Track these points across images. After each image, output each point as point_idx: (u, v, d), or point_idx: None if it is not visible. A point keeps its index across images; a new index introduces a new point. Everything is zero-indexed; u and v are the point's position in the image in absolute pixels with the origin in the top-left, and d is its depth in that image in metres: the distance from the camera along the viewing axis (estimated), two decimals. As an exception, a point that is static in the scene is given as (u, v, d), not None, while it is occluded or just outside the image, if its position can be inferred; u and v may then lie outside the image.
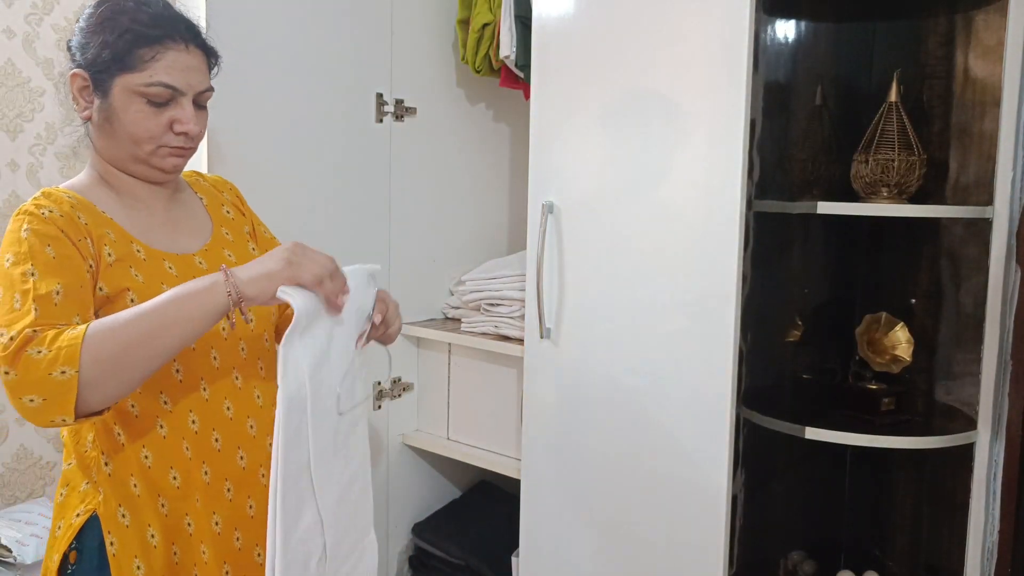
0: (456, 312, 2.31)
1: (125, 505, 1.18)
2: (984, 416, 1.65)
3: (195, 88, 1.18)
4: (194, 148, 1.23)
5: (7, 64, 2.04)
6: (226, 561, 1.24)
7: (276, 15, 1.93)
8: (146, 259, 1.19)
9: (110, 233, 1.17)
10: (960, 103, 1.77)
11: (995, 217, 1.62)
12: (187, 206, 1.32)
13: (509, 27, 2.08)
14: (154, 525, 1.19)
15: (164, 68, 1.15)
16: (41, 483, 2.18)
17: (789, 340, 1.96)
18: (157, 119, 1.17)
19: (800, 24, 1.91)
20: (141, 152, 1.19)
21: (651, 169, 1.65)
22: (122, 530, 1.17)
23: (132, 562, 1.17)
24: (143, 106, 1.16)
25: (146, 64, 1.15)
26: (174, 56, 1.16)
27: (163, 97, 1.16)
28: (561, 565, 1.85)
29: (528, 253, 1.84)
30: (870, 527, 1.98)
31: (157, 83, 1.15)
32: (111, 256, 1.15)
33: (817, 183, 1.86)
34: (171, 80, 1.16)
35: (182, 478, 1.20)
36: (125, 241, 1.18)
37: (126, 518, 1.18)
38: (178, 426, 1.20)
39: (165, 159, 1.20)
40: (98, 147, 1.23)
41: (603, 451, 1.75)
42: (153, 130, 1.17)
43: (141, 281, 1.16)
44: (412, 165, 2.28)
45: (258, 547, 1.27)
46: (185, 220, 1.29)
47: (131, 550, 1.17)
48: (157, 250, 1.21)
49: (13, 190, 2.07)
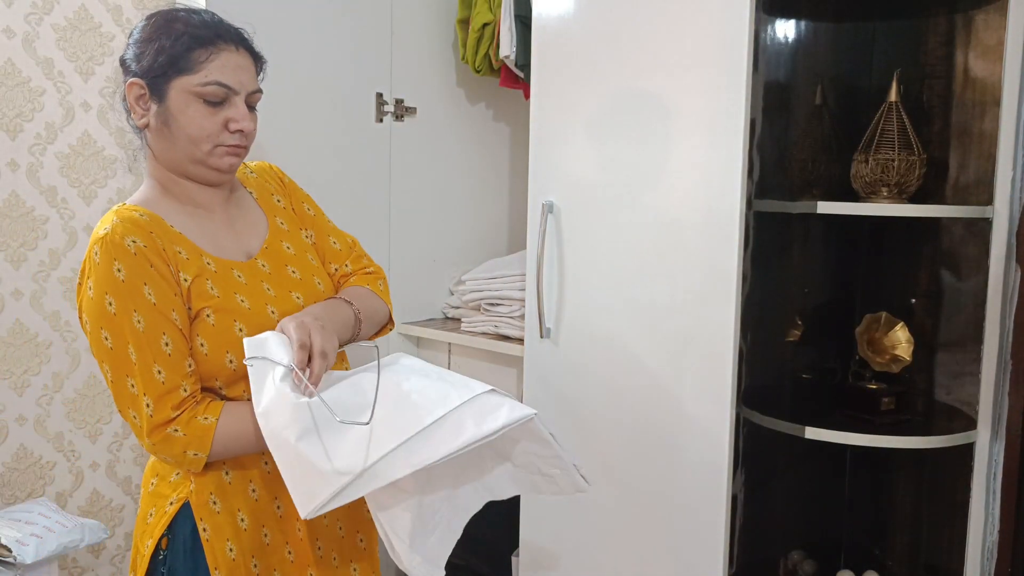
0: (456, 312, 2.31)
1: (216, 493, 1.24)
2: (984, 416, 1.65)
3: (247, 88, 1.23)
4: (247, 147, 1.27)
5: (7, 64, 2.04)
6: (318, 538, 1.30)
7: (276, 15, 1.93)
8: (217, 271, 1.24)
9: (181, 252, 1.21)
10: (960, 103, 1.77)
11: (995, 217, 1.62)
12: (242, 205, 1.36)
13: (509, 27, 2.08)
14: (244, 510, 1.25)
15: (218, 68, 1.20)
16: (41, 483, 2.18)
17: (789, 340, 1.96)
18: (213, 119, 1.21)
19: (800, 24, 1.91)
20: (199, 152, 1.23)
21: (651, 169, 1.65)
22: (213, 516, 1.23)
23: (225, 545, 1.23)
24: (200, 106, 1.20)
25: (201, 65, 1.19)
26: (227, 56, 1.21)
27: (218, 96, 1.20)
28: (561, 565, 1.85)
29: (528, 253, 1.84)
30: (870, 527, 1.98)
31: (213, 82, 1.20)
32: (187, 280, 1.21)
33: (817, 183, 1.86)
34: (225, 79, 1.20)
35: (272, 464, 1.23)
36: (196, 256, 1.23)
37: (217, 504, 1.24)
38: None
39: (222, 158, 1.24)
40: (157, 153, 1.26)
41: (603, 450, 1.75)
42: (209, 129, 1.21)
43: (217, 296, 1.22)
44: (412, 165, 2.28)
45: (340, 522, 1.34)
46: (242, 219, 1.33)
47: (223, 534, 1.23)
48: (225, 260, 1.26)
49: (13, 190, 2.07)
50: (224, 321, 1.20)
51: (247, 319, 1.22)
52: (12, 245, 2.09)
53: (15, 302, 2.10)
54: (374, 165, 2.19)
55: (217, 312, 1.20)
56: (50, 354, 2.16)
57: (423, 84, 2.29)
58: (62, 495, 2.21)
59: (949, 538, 1.78)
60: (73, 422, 2.21)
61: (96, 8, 2.16)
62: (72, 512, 2.20)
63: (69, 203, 2.16)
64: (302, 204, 1.45)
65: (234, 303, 1.22)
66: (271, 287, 1.28)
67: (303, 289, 1.31)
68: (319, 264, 1.38)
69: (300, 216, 1.44)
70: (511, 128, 2.52)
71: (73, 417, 2.21)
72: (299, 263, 1.34)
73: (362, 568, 1.39)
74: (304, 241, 1.39)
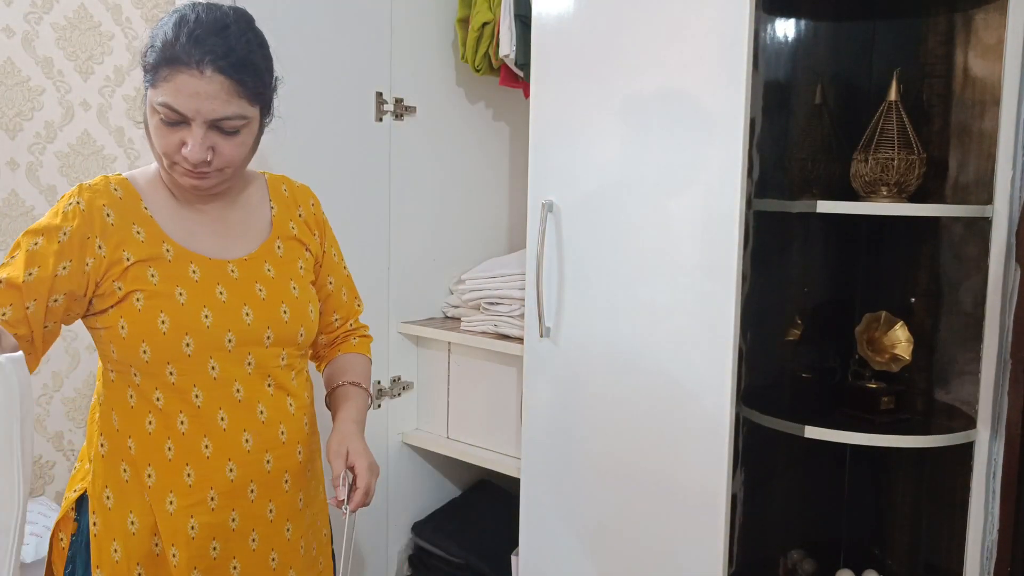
0: (456, 311, 2.31)
1: (112, 487, 1.21)
2: (983, 415, 1.66)
3: (204, 115, 1.13)
4: (211, 173, 1.19)
5: (6, 63, 2.04)
6: (235, 556, 1.26)
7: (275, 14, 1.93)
8: (172, 260, 1.20)
9: (140, 233, 1.19)
10: (960, 102, 1.77)
11: (995, 216, 1.62)
12: (248, 209, 1.31)
13: (509, 26, 2.08)
14: (136, 512, 1.21)
15: (172, 91, 1.13)
16: (41, 482, 2.18)
17: (789, 339, 1.96)
18: (170, 138, 1.16)
19: (800, 23, 1.91)
20: (164, 164, 1.20)
21: (650, 168, 1.65)
22: (105, 511, 1.21)
23: (110, 544, 1.20)
24: (158, 122, 1.16)
25: (160, 83, 1.14)
26: (184, 80, 1.12)
27: (170, 118, 1.14)
28: (561, 564, 1.86)
29: (528, 252, 1.84)
30: (870, 526, 1.98)
31: (162, 104, 1.14)
32: (129, 259, 1.18)
33: (817, 182, 1.86)
34: (175, 103, 1.13)
35: (157, 475, 1.22)
36: (156, 241, 1.20)
37: (110, 500, 1.21)
38: (168, 424, 1.22)
39: (182, 177, 1.19)
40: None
41: (603, 450, 1.75)
42: (166, 147, 1.17)
43: (155, 283, 1.18)
44: (412, 164, 2.28)
45: (274, 551, 1.30)
46: (238, 224, 1.29)
47: (111, 532, 1.21)
48: (188, 251, 1.22)
49: (13, 189, 2.07)
50: (150, 310, 1.17)
51: (174, 314, 1.18)
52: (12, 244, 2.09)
53: (15, 301, 2.10)
54: (374, 164, 2.18)
55: (148, 299, 1.17)
56: (50, 353, 2.16)
57: (423, 83, 2.29)
58: (62, 494, 2.21)
59: (948, 537, 1.78)
60: (73, 421, 2.21)
61: (96, 7, 2.16)
62: (72, 511, 2.20)
63: (69, 202, 2.16)
64: (331, 248, 1.43)
65: (170, 294, 1.18)
66: (226, 292, 1.23)
67: (262, 310, 1.25)
68: (301, 296, 1.31)
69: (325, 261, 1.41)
70: (511, 127, 2.52)
71: (73, 416, 2.21)
72: (272, 287, 1.27)
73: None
74: (297, 272, 1.33)
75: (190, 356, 1.20)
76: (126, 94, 2.21)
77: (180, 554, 1.21)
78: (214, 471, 1.23)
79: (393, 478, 2.31)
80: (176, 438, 1.21)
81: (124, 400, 1.21)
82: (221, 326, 1.21)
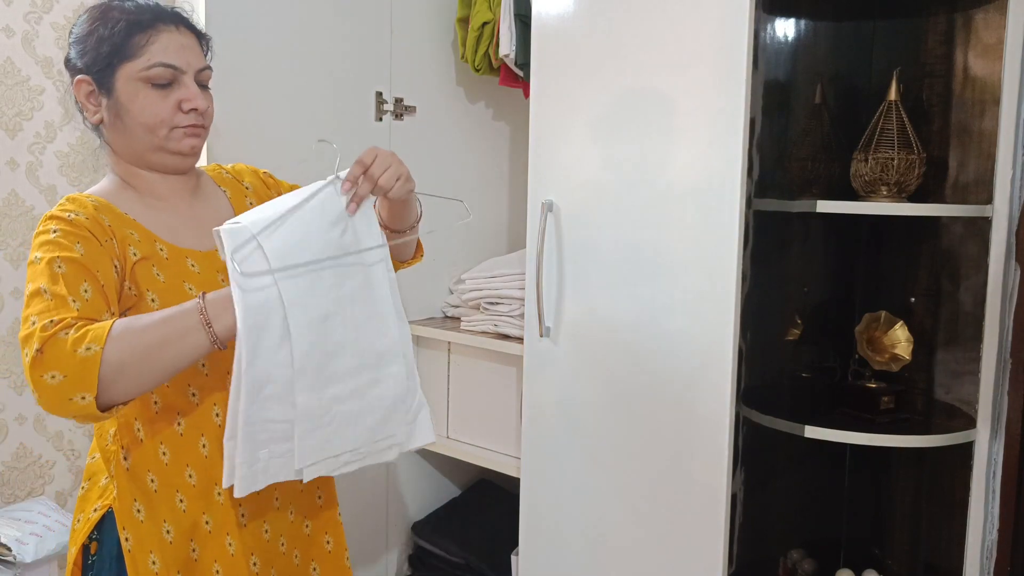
0: (456, 311, 2.31)
1: (141, 500, 1.19)
2: (983, 414, 1.66)
3: (193, 66, 1.21)
4: (206, 127, 1.24)
5: (6, 62, 2.04)
6: (254, 552, 1.26)
7: (275, 14, 1.93)
8: (169, 258, 1.21)
9: (134, 233, 1.19)
10: (960, 101, 1.77)
11: (994, 215, 1.62)
12: (210, 201, 1.33)
13: (509, 25, 2.08)
14: (170, 521, 1.20)
15: (161, 49, 1.18)
16: (41, 482, 2.18)
17: (789, 339, 1.96)
18: (164, 102, 1.19)
19: (800, 22, 1.91)
20: (157, 139, 1.20)
21: (650, 167, 1.64)
22: (137, 526, 1.19)
23: (148, 557, 1.19)
24: (149, 91, 1.18)
25: (143, 49, 1.17)
26: (168, 37, 1.18)
27: (165, 78, 1.18)
28: (560, 563, 1.85)
29: (528, 251, 1.84)
30: (869, 525, 1.98)
31: (157, 63, 1.17)
32: (136, 255, 1.17)
33: (816, 182, 1.86)
34: (169, 59, 1.18)
35: (198, 476, 1.22)
36: (149, 241, 1.20)
37: (141, 513, 1.19)
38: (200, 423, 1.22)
39: (181, 141, 1.21)
40: (115, 147, 1.24)
41: (603, 449, 1.75)
42: (162, 113, 1.19)
43: (163, 281, 1.18)
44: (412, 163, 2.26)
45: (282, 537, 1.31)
46: (208, 215, 1.30)
47: (146, 545, 1.19)
48: (181, 248, 1.23)
49: (13, 188, 2.07)
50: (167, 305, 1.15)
51: None
52: (11, 244, 2.09)
53: (14, 301, 2.10)
54: (374, 164, 2.18)
55: (162, 296, 1.17)
56: (50, 353, 2.16)
57: (423, 83, 2.29)
58: (62, 494, 2.21)
59: (948, 537, 1.78)
60: (72, 420, 2.21)
61: (95, 7, 2.16)
62: (72, 511, 2.20)
63: (68, 202, 2.15)
64: (290, 190, 1.42)
65: (180, 290, 1.19)
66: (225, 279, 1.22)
67: None
68: None
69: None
70: (511, 127, 2.52)
71: (73, 416, 2.21)
72: None
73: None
74: None
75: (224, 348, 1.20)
76: (126, 94, 2.20)
77: (236, 543, 1.23)
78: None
79: (393, 478, 2.31)
80: (211, 432, 1.22)
81: (148, 408, 1.20)
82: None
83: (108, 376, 1.01)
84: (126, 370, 1.02)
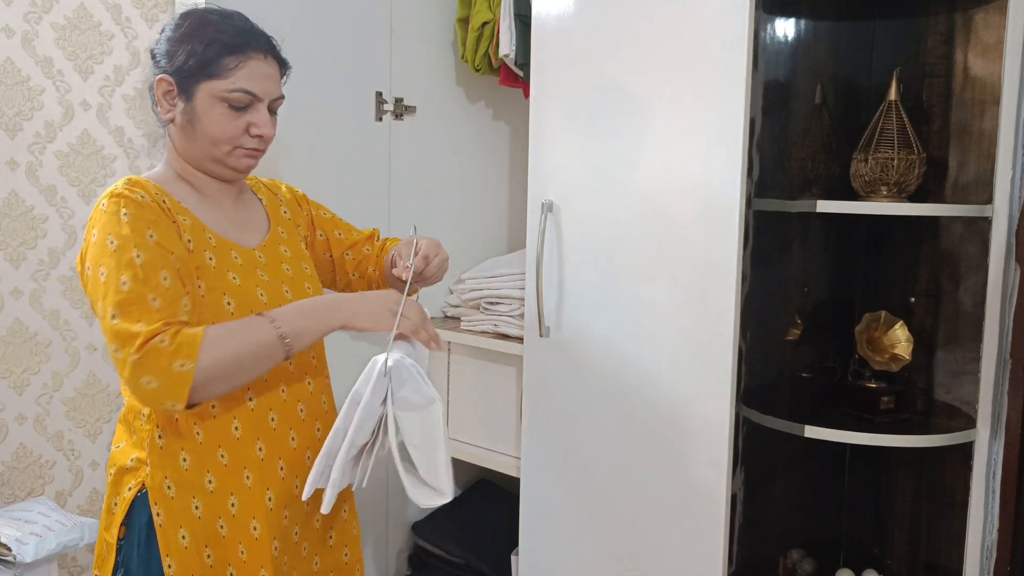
0: (455, 310, 2.31)
1: (172, 477, 1.24)
2: (983, 414, 1.66)
3: (271, 95, 1.30)
4: (264, 150, 1.33)
5: (6, 62, 2.04)
6: (276, 537, 1.30)
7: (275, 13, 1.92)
8: (216, 246, 1.27)
9: (186, 220, 1.26)
10: (959, 101, 1.77)
11: (994, 216, 1.62)
12: (249, 206, 1.41)
13: (509, 25, 2.08)
14: (199, 498, 1.25)
15: (246, 76, 1.26)
16: (41, 482, 2.18)
17: (788, 339, 1.96)
18: (235, 122, 1.27)
19: (800, 22, 1.91)
20: (219, 152, 1.28)
21: (650, 167, 1.65)
22: (168, 501, 1.24)
23: (178, 532, 1.24)
24: (224, 110, 1.26)
25: (230, 72, 1.25)
26: (255, 65, 1.27)
27: (243, 102, 1.26)
28: (561, 563, 1.86)
29: (528, 251, 1.84)
30: (869, 525, 1.98)
31: (239, 89, 1.25)
32: (190, 242, 1.24)
33: (816, 182, 1.86)
34: (251, 87, 1.26)
35: (229, 457, 1.26)
36: (199, 228, 1.27)
37: (171, 489, 1.24)
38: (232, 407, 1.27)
39: (240, 159, 1.30)
40: (178, 147, 1.31)
41: (602, 449, 1.76)
42: (231, 132, 1.27)
43: (214, 266, 1.25)
44: (412, 163, 2.28)
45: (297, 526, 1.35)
46: (247, 218, 1.39)
47: (176, 520, 1.24)
48: (226, 240, 1.30)
49: (13, 188, 2.07)
50: (214, 291, 1.24)
51: (237, 295, 1.25)
52: (11, 244, 2.09)
53: (14, 301, 2.10)
54: (373, 164, 2.18)
55: (209, 283, 1.24)
56: (49, 353, 2.16)
57: (422, 83, 2.29)
58: (62, 494, 2.21)
59: (948, 537, 1.78)
60: (72, 421, 2.21)
61: (95, 7, 2.16)
62: (72, 511, 2.20)
63: (68, 202, 2.15)
64: (319, 210, 1.55)
65: (226, 279, 1.26)
66: (265, 274, 1.32)
67: (293, 287, 1.36)
68: (312, 273, 1.44)
69: (318, 221, 1.53)
70: (511, 127, 2.52)
71: (73, 416, 2.21)
72: (293, 264, 1.39)
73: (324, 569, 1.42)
74: (302, 251, 1.45)
75: None
76: (126, 94, 2.20)
77: (261, 526, 1.27)
78: (279, 442, 1.30)
79: (393, 478, 2.30)
80: (244, 415, 1.27)
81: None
82: (273, 303, 1.29)
83: (197, 387, 1.13)
84: (212, 385, 1.15)
